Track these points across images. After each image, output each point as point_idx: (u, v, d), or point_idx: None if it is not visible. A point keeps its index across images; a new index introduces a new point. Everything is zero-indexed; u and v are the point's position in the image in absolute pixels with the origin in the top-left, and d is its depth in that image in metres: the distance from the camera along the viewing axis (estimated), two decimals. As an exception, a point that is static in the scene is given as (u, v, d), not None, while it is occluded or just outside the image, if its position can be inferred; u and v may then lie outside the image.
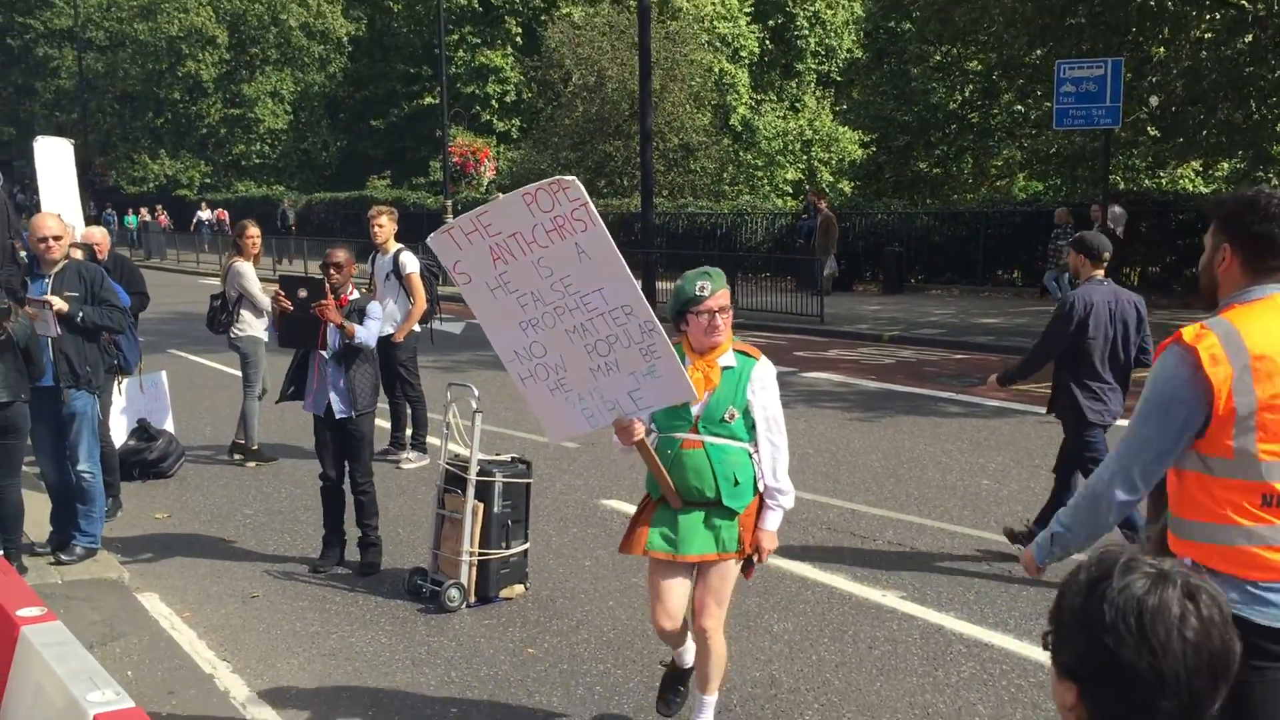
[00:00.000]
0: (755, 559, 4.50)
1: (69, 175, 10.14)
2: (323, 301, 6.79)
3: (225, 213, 42.29)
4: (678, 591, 4.48)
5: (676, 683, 4.85)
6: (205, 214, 41.70)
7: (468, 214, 4.12)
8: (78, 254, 7.75)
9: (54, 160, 10.02)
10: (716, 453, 4.31)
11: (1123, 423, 4.07)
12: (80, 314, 6.87)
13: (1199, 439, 3.03)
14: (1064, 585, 1.72)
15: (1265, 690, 3.08)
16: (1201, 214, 21.04)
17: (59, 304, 6.75)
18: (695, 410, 4.31)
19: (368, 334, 6.95)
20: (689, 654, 4.77)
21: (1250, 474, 3.01)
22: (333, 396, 6.91)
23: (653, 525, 4.44)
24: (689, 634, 4.68)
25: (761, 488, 4.41)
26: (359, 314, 6.99)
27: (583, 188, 3.96)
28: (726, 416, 4.29)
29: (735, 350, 4.40)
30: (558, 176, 4.05)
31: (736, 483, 4.32)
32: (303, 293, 6.87)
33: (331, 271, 7.06)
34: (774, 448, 4.39)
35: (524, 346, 4.25)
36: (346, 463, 7.04)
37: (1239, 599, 3.04)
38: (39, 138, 10.25)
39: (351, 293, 7.11)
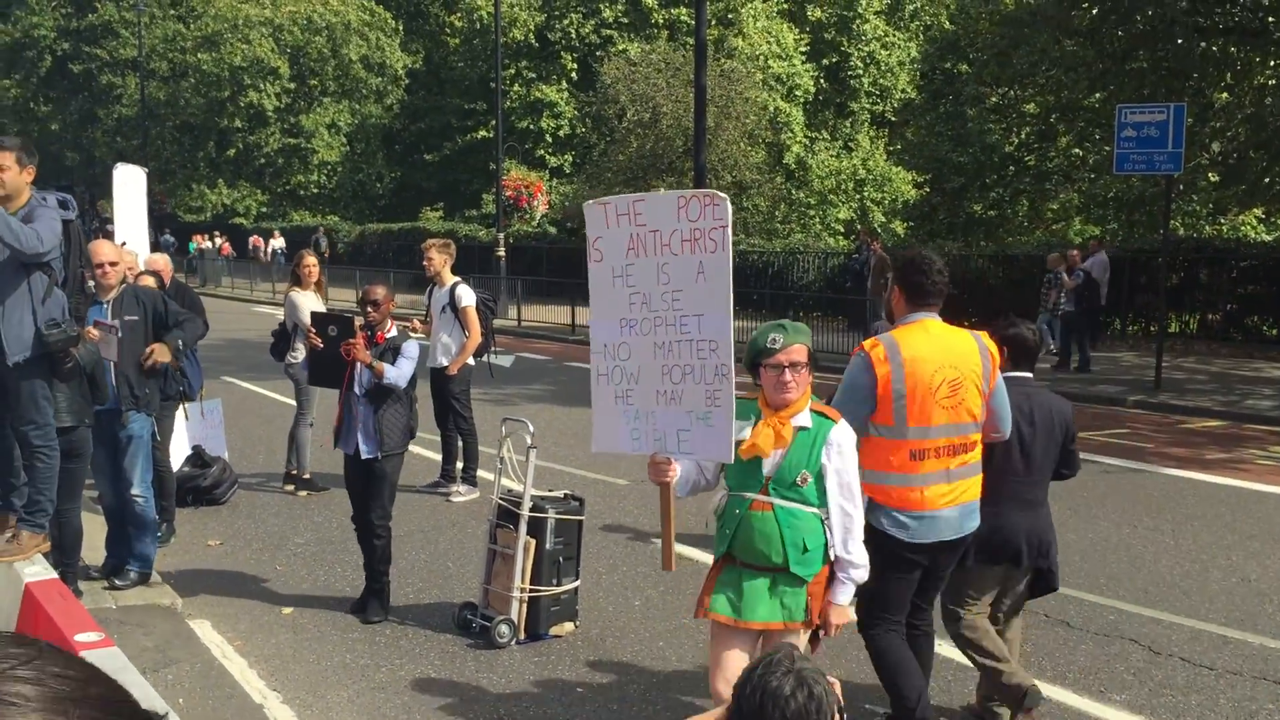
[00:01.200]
0: (821, 633, 4.27)
1: (140, 202, 10.32)
2: (351, 340, 6.57)
3: (261, 239, 43.10)
4: (739, 660, 4.22)
5: None
6: (278, 242, 41.82)
7: (626, 196, 4.32)
8: (149, 280, 7.87)
9: (129, 187, 10.21)
10: (786, 516, 4.11)
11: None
12: (180, 341, 7.15)
13: (874, 414, 4.55)
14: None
15: (902, 587, 4.70)
16: (1265, 262, 20.77)
17: (165, 357, 7.02)
18: (766, 470, 4.14)
19: (398, 374, 6.64)
20: None
21: (902, 436, 4.51)
22: (359, 437, 6.66)
23: (717, 587, 4.27)
24: None
25: (832, 557, 4.19)
26: (393, 352, 6.70)
27: (730, 210, 4.05)
28: (799, 480, 4.10)
29: (812, 410, 4.20)
30: (712, 190, 4.15)
31: (806, 549, 4.11)
32: (333, 330, 6.69)
33: (368, 309, 6.85)
34: (846, 516, 4.17)
35: (614, 343, 4.35)
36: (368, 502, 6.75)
37: (889, 523, 4.57)
38: (119, 165, 10.44)
39: (390, 329, 6.88)
